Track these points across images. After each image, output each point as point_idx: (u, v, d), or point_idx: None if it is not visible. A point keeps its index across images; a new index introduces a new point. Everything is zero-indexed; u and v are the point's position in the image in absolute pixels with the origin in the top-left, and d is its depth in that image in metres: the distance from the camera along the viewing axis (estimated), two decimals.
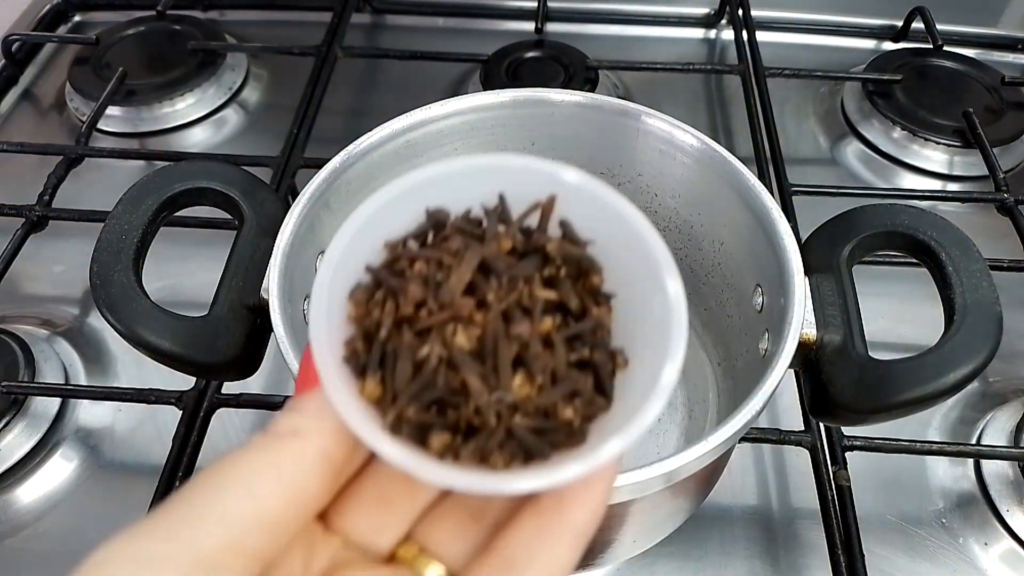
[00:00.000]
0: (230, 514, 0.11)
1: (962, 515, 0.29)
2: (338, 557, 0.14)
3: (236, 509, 0.11)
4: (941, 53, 0.46)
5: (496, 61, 0.45)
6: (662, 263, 0.14)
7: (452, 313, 0.13)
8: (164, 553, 0.11)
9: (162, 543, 0.11)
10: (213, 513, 0.11)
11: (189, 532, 0.11)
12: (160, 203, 0.24)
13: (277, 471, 0.12)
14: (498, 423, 0.13)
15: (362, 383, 0.13)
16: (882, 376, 0.21)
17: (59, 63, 0.48)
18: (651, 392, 0.13)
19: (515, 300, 0.13)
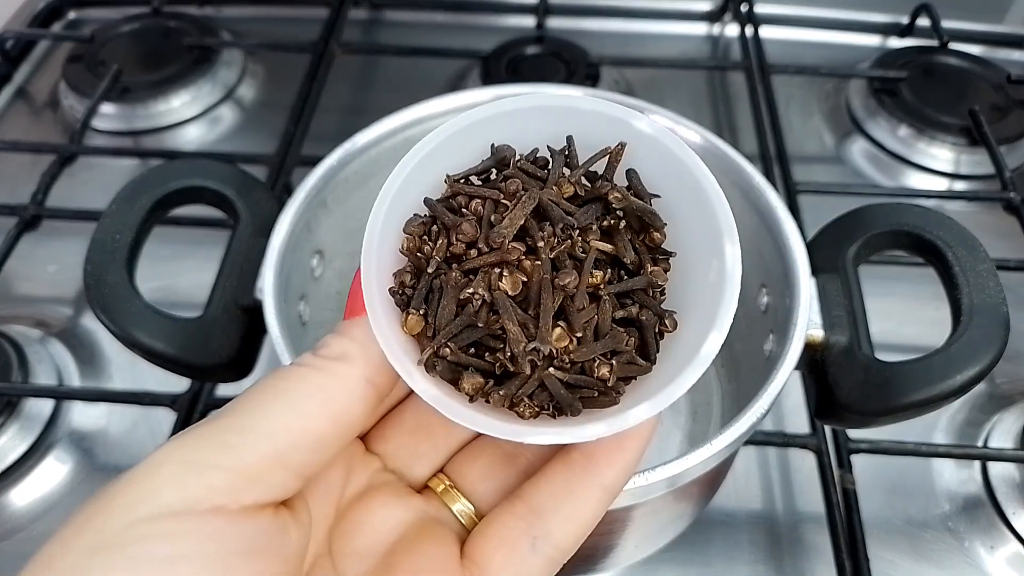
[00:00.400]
0: (276, 429, 0.12)
1: (968, 518, 0.28)
2: (375, 479, 0.14)
3: (282, 425, 0.12)
4: (947, 50, 0.45)
5: (496, 57, 0.44)
6: (724, 227, 0.13)
7: (500, 257, 0.13)
8: (211, 461, 0.11)
9: (209, 452, 0.11)
10: (260, 427, 0.12)
11: (236, 443, 0.11)
12: (154, 202, 0.24)
13: (324, 393, 0.12)
14: (532, 372, 0.13)
15: (405, 316, 0.13)
16: (888, 378, 0.21)
17: (53, 60, 0.48)
18: (691, 360, 0.13)
19: (567, 249, 0.13)
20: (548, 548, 0.13)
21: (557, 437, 0.12)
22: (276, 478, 0.12)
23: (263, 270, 0.23)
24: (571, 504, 0.13)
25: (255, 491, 0.11)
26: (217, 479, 0.11)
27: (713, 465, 0.19)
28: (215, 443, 0.11)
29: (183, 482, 0.11)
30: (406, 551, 0.14)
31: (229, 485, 0.11)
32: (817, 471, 0.28)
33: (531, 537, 0.13)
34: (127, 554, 0.10)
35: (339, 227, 0.26)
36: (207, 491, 0.11)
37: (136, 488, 0.11)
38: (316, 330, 0.26)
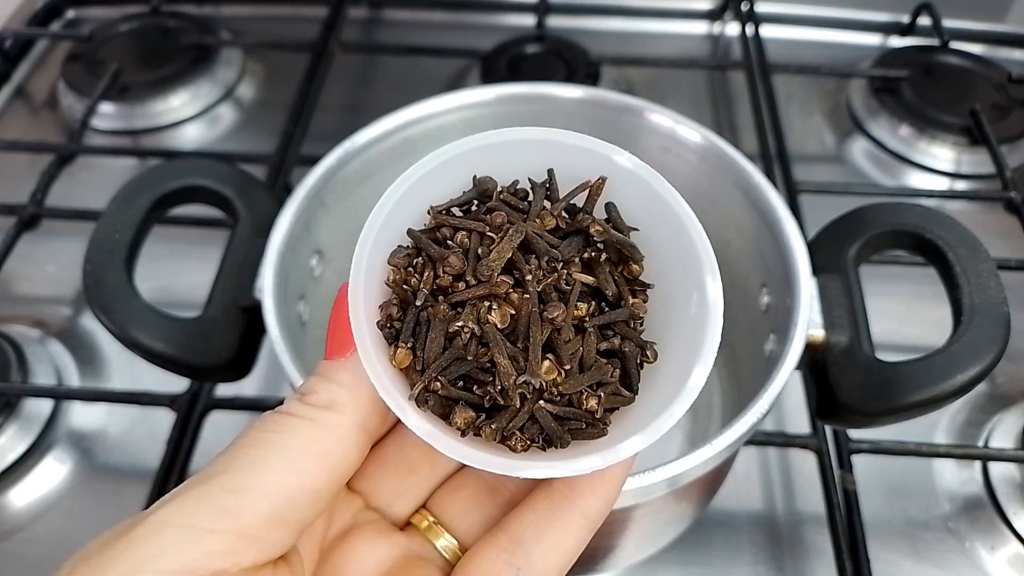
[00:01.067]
0: (273, 488, 0.12)
1: (969, 519, 0.28)
2: (358, 517, 0.14)
3: (278, 482, 0.12)
4: (948, 50, 0.45)
5: (496, 56, 0.44)
6: (704, 261, 0.13)
7: (489, 290, 0.13)
8: (210, 525, 0.11)
9: (208, 516, 0.11)
10: (256, 487, 0.12)
11: (234, 505, 0.11)
12: (153, 201, 0.24)
13: (318, 445, 0.12)
14: (522, 405, 0.13)
15: (393, 350, 0.13)
16: (889, 378, 0.21)
17: (52, 60, 0.47)
18: (677, 393, 0.13)
19: (552, 283, 0.13)
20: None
21: (553, 471, 0.12)
22: (275, 536, 0.12)
23: (262, 270, 0.22)
24: (553, 534, 0.14)
25: (254, 552, 0.11)
26: (217, 544, 0.11)
27: (714, 465, 0.19)
28: (213, 506, 0.11)
29: (183, 548, 0.11)
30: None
31: (229, 548, 0.11)
32: (818, 471, 0.28)
33: (514, 568, 0.13)
34: None
35: (338, 227, 0.26)
36: (207, 557, 0.11)
37: (137, 553, 0.11)
38: (315, 330, 0.26)
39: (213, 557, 0.11)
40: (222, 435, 0.30)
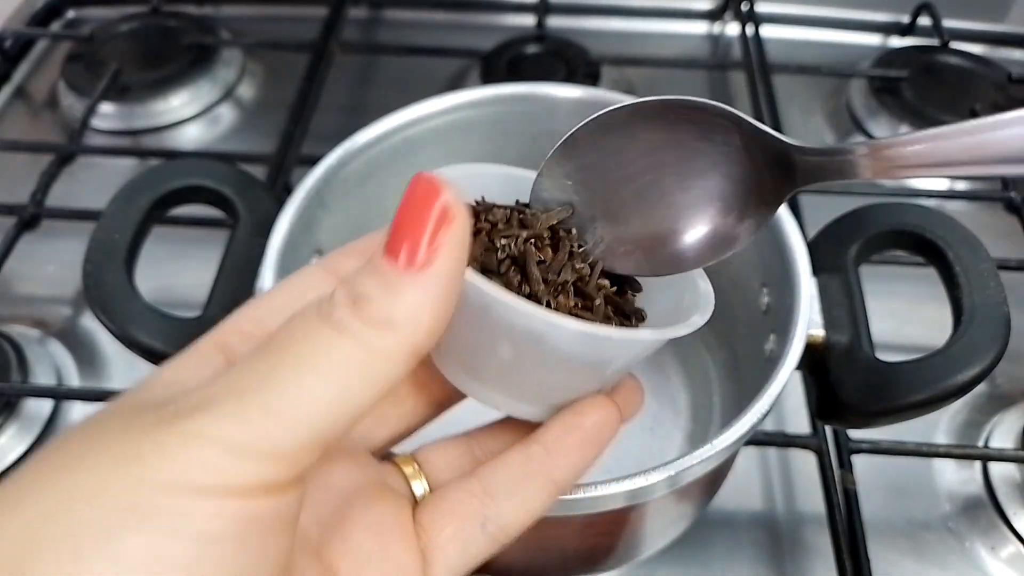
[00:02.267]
0: (317, 415, 0.11)
1: (969, 519, 0.28)
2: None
3: (324, 411, 0.11)
4: (948, 50, 0.45)
5: (496, 56, 0.44)
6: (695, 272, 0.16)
7: (532, 232, 0.15)
8: (250, 446, 0.10)
9: (248, 436, 0.10)
10: (299, 413, 0.11)
11: (276, 430, 0.11)
12: (153, 201, 0.24)
13: (369, 374, 0.11)
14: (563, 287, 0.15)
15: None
16: (889, 378, 0.21)
17: (52, 59, 0.47)
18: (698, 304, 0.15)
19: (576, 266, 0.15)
20: (495, 529, 0.14)
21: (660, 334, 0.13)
22: (309, 460, 0.11)
23: (262, 270, 0.22)
24: (523, 493, 0.14)
25: (289, 473, 0.11)
26: (254, 465, 0.10)
27: (714, 465, 0.19)
28: (254, 428, 0.11)
29: (221, 464, 0.10)
30: (362, 506, 0.14)
31: (266, 470, 0.11)
32: (818, 471, 0.28)
33: (482, 516, 0.14)
34: (160, 524, 0.10)
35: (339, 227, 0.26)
36: (244, 476, 0.10)
37: (173, 459, 0.10)
38: None
39: (250, 477, 0.10)
40: None
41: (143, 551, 0.10)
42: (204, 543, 0.10)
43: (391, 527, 0.14)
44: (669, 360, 0.31)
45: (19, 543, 0.10)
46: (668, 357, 0.31)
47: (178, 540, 0.10)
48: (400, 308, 0.11)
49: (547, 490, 0.14)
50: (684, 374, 0.30)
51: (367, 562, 0.13)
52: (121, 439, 0.11)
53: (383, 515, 0.14)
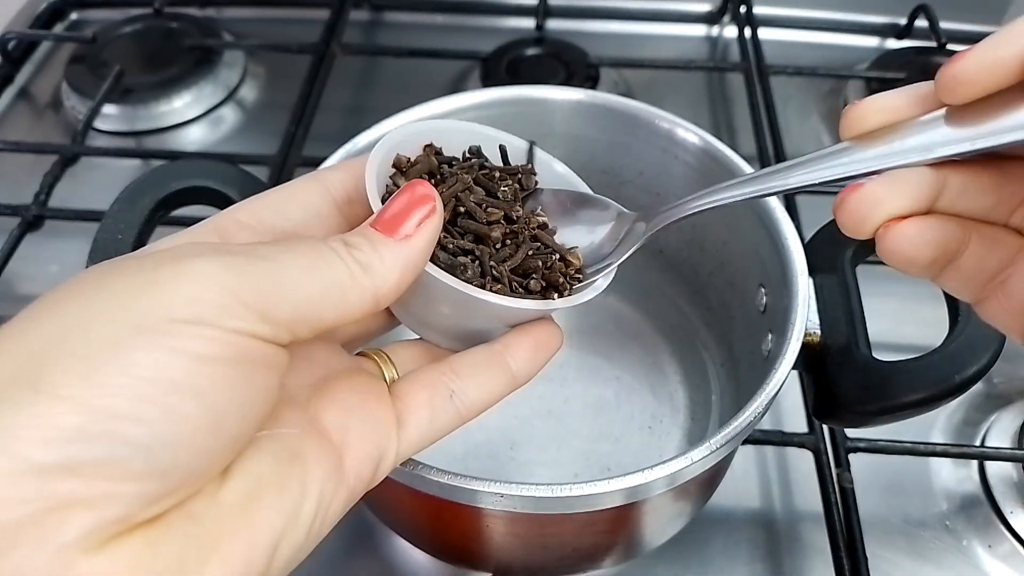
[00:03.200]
0: (301, 304, 0.13)
1: (966, 517, 0.28)
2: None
3: (307, 300, 0.13)
4: (945, 51, 0.46)
5: (496, 58, 0.44)
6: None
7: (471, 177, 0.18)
8: (246, 302, 0.12)
9: (247, 290, 0.12)
10: (290, 296, 0.13)
11: (271, 294, 0.13)
12: (156, 202, 0.24)
13: (344, 293, 0.14)
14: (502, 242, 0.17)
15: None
16: (886, 377, 0.21)
17: (55, 61, 0.48)
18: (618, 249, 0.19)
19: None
20: (460, 404, 0.16)
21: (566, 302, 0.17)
22: (283, 335, 0.13)
23: None
24: (485, 377, 0.17)
25: (275, 336, 0.13)
26: (246, 315, 0.12)
27: (712, 464, 0.19)
28: (253, 283, 0.12)
29: (220, 303, 0.12)
30: (344, 376, 0.16)
31: (255, 325, 0.12)
32: (815, 470, 0.28)
33: (450, 390, 0.16)
34: (167, 343, 0.11)
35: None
36: (237, 322, 0.12)
37: (176, 291, 0.12)
38: None
39: (238, 323, 0.12)
40: None
41: (151, 365, 0.11)
42: (201, 362, 0.12)
43: (369, 391, 0.16)
44: (667, 359, 0.31)
45: (38, 356, 0.11)
46: (667, 356, 0.31)
47: (179, 357, 0.11)
48: (378, 261, 0.14)
49: (505, 378, 0.17)
50: (682, 373, 0.30)
51: (350, 412, 0.15)
52: (135, 271, 0.12)
53: (363, 382, 0.16)
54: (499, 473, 0.27)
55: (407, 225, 0.15)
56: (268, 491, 0.13)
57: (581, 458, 0.28)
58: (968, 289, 0.15)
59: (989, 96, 0.13)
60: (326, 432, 0.15)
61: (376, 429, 0.15)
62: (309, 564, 0.14)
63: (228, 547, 0.12)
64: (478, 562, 0.24)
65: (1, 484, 0.10)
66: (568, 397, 0.29)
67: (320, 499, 0.14)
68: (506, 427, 0.28)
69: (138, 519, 0.11)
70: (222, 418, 0.12)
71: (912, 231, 0.14)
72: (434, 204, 0.15)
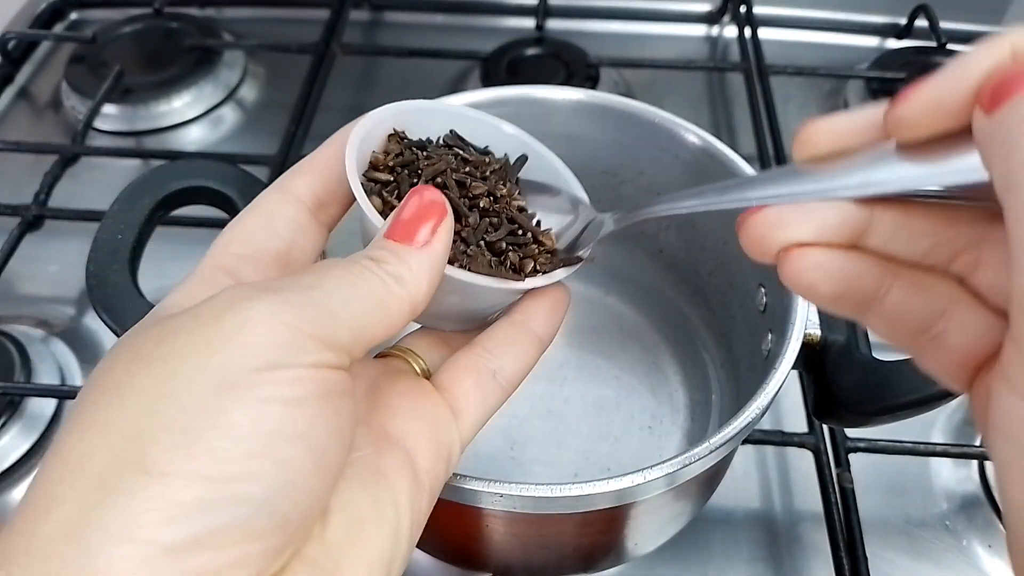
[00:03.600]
0: (356, 324, 0.13)
1: (966, 517, 0.28)
2: None
3: (361, 323, 0.14)
4: (945, 51, 0.46)
5: (496, 58, 0.44)
6: (575, 186, 0.20)
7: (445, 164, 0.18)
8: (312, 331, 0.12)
9: (309, 323, 0.12)
10: (346, 319, 0.13)
11: (329, 323, 0.13)
12: (156, 202, 0.24)
13: (387, 307, 0.14)
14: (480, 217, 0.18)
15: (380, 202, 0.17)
16: (886, 377, 0.21)
17: (55, 61, 0.48)
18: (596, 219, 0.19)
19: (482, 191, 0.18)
20: (504, 379, 0.17)
21: (547, 279, 0.18)
22: (352, 355, 0.14)
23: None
24: (516, 347, 0.17)
25: (342, 362, 0.13)
26: (314, 347, 0.12)
27: (711, 463, 0.19)
28: (312, 321, 0.13)
29: (291, 341, 0.12)
30: (387, 383, 0.16)
31: (322, 355, 0.13)
32: (815, 470, 0.28)
33: (491, 369, 0.17)
34: (256, 395, 0.11)
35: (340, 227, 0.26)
36: (309, 355, 0.12)
37: (247, 341, 0.12)
38: None
39: (310, 357, 0.12)
40: None
41: (248, 421, 0.11)
42: (294, 405, 0.12)
43: (418, 392, 0.16)
44: (668, 359, 0.31)
45: (132, 437, 0.11)
46: (667, 356, 0.31)
47: (271, 406, 0.12)
48: (407, 271, 0.15)
49: (535, 344, 0.18)
50: (682, 373, 0.30)
51: (408, 416, 0.15)
52: (196, 329, 0.12)
53: (407, 385, 0.16)
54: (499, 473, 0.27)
55: (423, 231, 0.15)
56: (367, 520, 0.13)
57: (581, 458, 0.28)
58: (895, 337, 0.14)
59: (941, 137, 0.12)
60: (396, 441, 0.15)
61: (437, 426, 0.16)
62: None
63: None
64: (478, 562, 0.24)
65: (138, 572, 0.10)
66: (568, 397, 0.29)
67: (412, 511, 0.14)
68: (506, 427, 0.28)
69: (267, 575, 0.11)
70: (325, 455, 0.12)
71: (814, 259, 0.13)
72: (445, 207, 0.15)
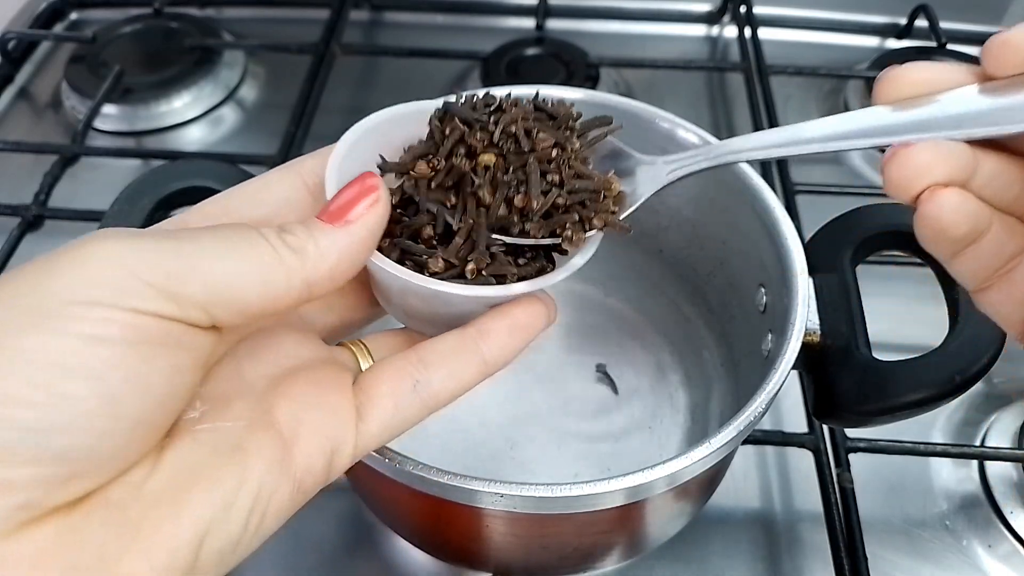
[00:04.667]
0: (215, 284, 0.13)
1: (966, 517, 0.28)
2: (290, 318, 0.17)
3: (223, 282, 0.13)
4: (945, 51, 0.46)
5: (496, 58, 0.44)
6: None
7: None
8: (150, 280, 0.12)
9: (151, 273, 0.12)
10: (203, 275, 0.13)
11: (177, 277, 0.13)
12: (156, 202, 0.24)
13: (268, 275, 0.14)
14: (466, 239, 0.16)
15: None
16: (886, 377, 0.21)
17: (55, 61, 0.48)
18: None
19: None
20: (426, 394, 0.16)
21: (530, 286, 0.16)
22: (203, 317, 0.13)
23: None
24: (454, 365, 0.16)
25: (190, 317, 0.13)
26: (149, 296, 0.12)
27: (712, 463, 0.19)
28: (156, 268, 0.12)
29: (121, 287, 0.12)
30: (309, 369, 0.16)
31: (155, 301, 0.12)
32: (815, 470, 0.28)
33: (413, 379, 0.16)
34: (59, 326, 0.12)
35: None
36: (139, 301, 0.12)
37: (76, 275, 0.12)
38: None
39: (143, 301, 0.12)
40: None
41: (39, 348, 0.11)
42: (93, 343, 0.12)
43: (331, 383, 0.15)
44: (668, 359, 0.31)
45: None
46: (667, 356, 0.31)
47: (65, 339, 0.12)
48: (312, 245, 0.14)
49: (476, 365, 0.16)
50: (683, 373, 0.30)
51: (306, 405, 0.15)
52: (45, 259, 0.12)
53: (326, 374, 0.16)
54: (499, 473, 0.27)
55: (351, 214, 0.15)
56: (198, 481, 0.13)
57: (581, 458, 0.28)
58: (978, 275, 0.15)
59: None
60: (276, 424, 0.14)
61: (331, 422, 0.15)
62: (309, 563, 0.14)
63: (150, 536, 0.12)
64: (478, 562, 0.24)
65: None
66: (568, 397, 0.29)
67: (259, 492, 0.13)
68: (506, 427, 0.28)
69: (47, 505, 0.11)
70: (119, 400, 0.12)
71: (955, 200, 0.14)
72: (379, 194, 0.15)
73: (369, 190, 0.15)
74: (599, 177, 0.17)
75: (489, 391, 0.29)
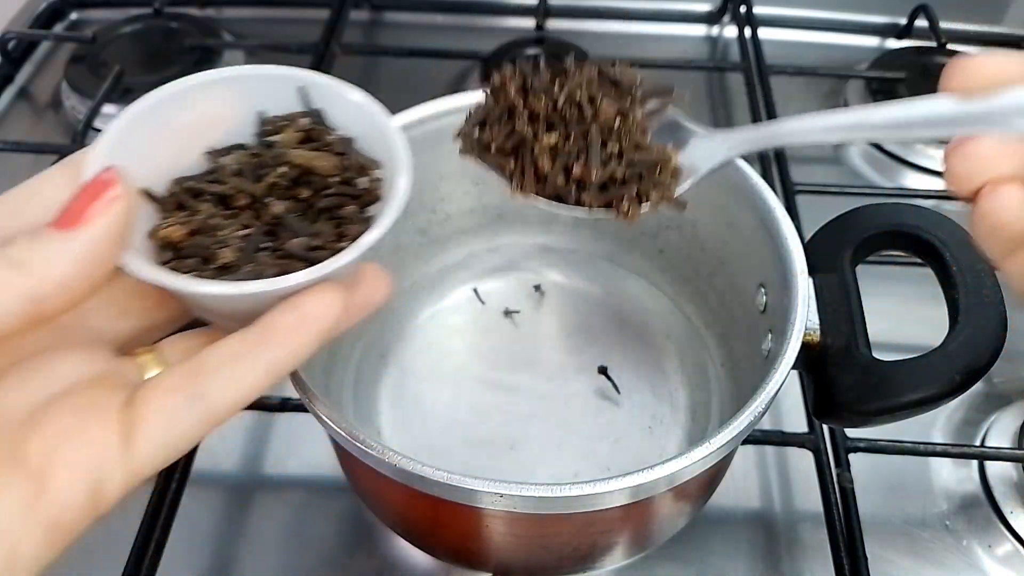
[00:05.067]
0: None
1: (966, 517, 0.28)
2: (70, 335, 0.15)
3: None
4: (945, 51, 0.46)
5: (496, 58, 0.44)
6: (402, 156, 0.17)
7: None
8: None
9: None
10: None
11: None
12: None
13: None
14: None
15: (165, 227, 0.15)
16: (886, 377, 0.21)
17: (55, 61, 0.48)
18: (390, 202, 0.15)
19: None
20: (203, 406, 0.14)
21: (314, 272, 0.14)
22: None
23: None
24: (235, 371, 0.14)
25: None
26: None
27: (712, 463, 0.19)
28: None
29: None
30: (76, 392, 0.14)
31: None
32: (815, 470, 0.28)
33: (189, 394, 0.14)
34: None
35: None
36: None
37: None
38: None
39: None
40: (223, 432, 0.30)
41: None
42: None
43: (96, 407, 0.14)
44: (668, 359, 0.31)
45: None
46: (667, 356, 0.31)
47: None
48: (36, 256, 0.13)
49: (262, 367, 0.14)
50: (683, 373, 0.30)
51: (60, 436, 0.13)
52: None
53: (93, 397, 0.14)
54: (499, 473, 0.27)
55: (84, 216, 0.13)
56: None
57: (581, 458, 0.28)
58: (1016, 262, 0.14)
59: None
60: (25, 461, 0.13)
61: (88, 452, 0.13)
62: (308, 563, 0.14)
63: None
64: (478, 562, 0.24)
65: None
66: (568, 397, 0.29)
67: (8, 524, 0.12)
68: (506, 427, 0.28)
69: None
70: None
71: (1016, 197, 0.13)
72: (117, 187, 0.14)
73: (105, 186, 0.13)
74: (657, 149, 0.17)
75: (489, 391, 0.29)
